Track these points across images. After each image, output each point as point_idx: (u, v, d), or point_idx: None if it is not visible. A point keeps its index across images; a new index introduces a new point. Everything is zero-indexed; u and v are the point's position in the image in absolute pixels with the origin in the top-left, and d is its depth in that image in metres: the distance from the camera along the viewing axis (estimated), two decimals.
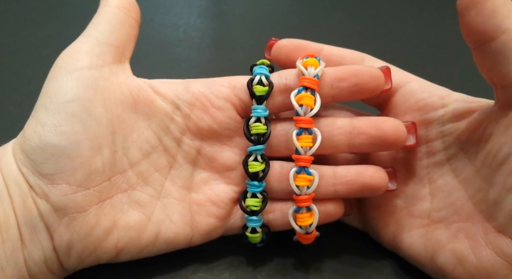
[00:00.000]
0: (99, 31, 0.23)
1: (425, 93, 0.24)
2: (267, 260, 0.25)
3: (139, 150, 0.23)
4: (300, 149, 0.23)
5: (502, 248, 0.20)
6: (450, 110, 0.23)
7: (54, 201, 0.20)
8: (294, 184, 0.23)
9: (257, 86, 0.23)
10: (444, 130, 0.23)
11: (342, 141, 0.23)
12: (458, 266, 0.21)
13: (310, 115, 0.23)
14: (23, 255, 0.20)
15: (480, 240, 0.21)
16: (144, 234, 0.22)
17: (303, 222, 0.23)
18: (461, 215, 0.22)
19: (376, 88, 0.23)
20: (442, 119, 0.23)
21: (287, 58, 0.25)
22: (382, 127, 0.23)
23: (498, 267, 0.20)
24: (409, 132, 0.23)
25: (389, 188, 0.24)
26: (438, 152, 0.23)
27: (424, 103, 0.24)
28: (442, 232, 0.23)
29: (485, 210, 0.21)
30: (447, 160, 0.23)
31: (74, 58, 0.22)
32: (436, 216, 0.23)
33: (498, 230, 0.20)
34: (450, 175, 0.23)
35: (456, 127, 0.23)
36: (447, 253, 0.22)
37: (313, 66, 0.23)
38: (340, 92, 0.23)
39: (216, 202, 0.24)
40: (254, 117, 0.23)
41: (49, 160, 0.20)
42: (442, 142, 0.23)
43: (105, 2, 0.24)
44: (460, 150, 0.23)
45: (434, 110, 0.23)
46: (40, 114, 0.21)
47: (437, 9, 0.55)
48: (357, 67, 0.23)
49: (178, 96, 0.24)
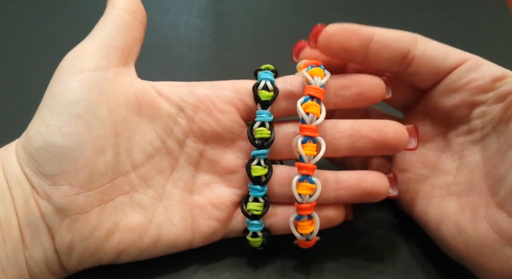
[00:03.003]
0: (106, 33, 0.23)
1: (479, 74, 0.23)
2: (267, 261, 0.25)
3: (142, 152, 0.23)
4: (305, 157, 0.23)
5: (497, 222, 0.20)
6: (497, 92, 0.23)
7: (56, 202, 0.20)
8: (297, 192, 0.23)
9: (263, 91, 0.23)
10: (486, 110, 0.23)
11: (344, 145, 0.23)
12: (458, 236, 0.22)
13: (316, 124, 0.23)
14: (24, 255, 0.20)
15: (480, 214, 0.21)
16: (145, 236, 0.22)
17: (304, 230, 0.23)
18: (473, 190, 0.23)
19: (378, 97, 0.24)
20: (488, 101, 0.23)
21: (340, 46, 0.23)
22: (384, 131, 0.23)
23: (491, 240, 0.20)
24: (411, 136, 0.24)
25: (390, 194, 0.24)
26: (476, 131, 0.24)
27: (475, 85, 0.23)
28: (453, 203, 0.23)
29: (492, 185, 0.22)
30: (481, 139, 0.24)
31: (80, 60, 0.22)
32: (454, 189, 0.24)
33: (497, 204, 0.21)
34: (479, 153, 0.23)
35: (496, 108, 0.23)
36: (450, 223, 0.23)
37: (319, 76, 0.23)
38: (343, 100, 0.24)
39: (217, 204, 0.24)
40: (259, 121, 0.23)
41: (52, 161, 0.20)
42: (481, 122, 0.24)
43: (112, 5, 0.24)
44: (492, 129, 0.23)
45: (483, 93, 0.23)
46: (44, 114, 0.21)
47: (437, 9, 0.55)
48: (360, 77, 0.24)
49: (183, 98, 0.24)
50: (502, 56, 0.27)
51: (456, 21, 0.53)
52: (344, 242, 0.26)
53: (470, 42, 0.47)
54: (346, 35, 0.23)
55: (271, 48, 0.45)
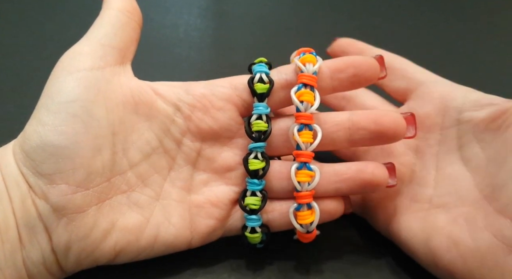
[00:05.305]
0: (102, 33, 0.23)
1: (448, 87, 0.25)
2: (266, 262, 0.25)
3: (139, 151, 0.23)
4: (302, 145, 0.23)
5: (501, 229, 0.20)
6: (471, 100, 0.24)
7: (53, 201, 0.20)
8: (296, 180, 0.23)
9: (258, 84, 0.23)
10: (461, 118, 0.23)
11: (342, 137, 0.23)
12: (453, 249, 0.21)
13: (311, 111, 0.23)
14: (21, 256, 0.20)
15: (479, 223, 0.21)
16: (143, 236, 0.22)
17: (304, 220, 0.23)
18: (464, 201, 0.22)
19: (373, 76, 0.24)
20: (461, 107, 0.24)
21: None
22: (381, 122, 0.23)
23: (493, 249, 0.20)
24: (408, 124, 0.24)
25: (389, 183, 0.24)
26: (451, 140, 0.24)
27: (446, 93, 0.25)
28: (442, 216, 0.23)
29: (489, 194, 0.21)
30: (459, 148, 0.24)
31: (76, 59, 0.22)
32: (438, 201, 0.23)
33: (499, 211, 0.20)
34: (459, 163, 0.23)
35: (474, 115, 0.23)
36: (442, 236, 0.22)
37: (311, 63, 0.23)
38: (340, 83, 0.24)
39: (215, 203, 0.24)
40: (256, 114, 0.23)
41: (49, 160, 0.20)
42: (457, 130, 0.24)
43: (108, 5, 0.24)
44: (474, 138, 0.23)
45: (454, 99, 0.24)
46: (41, 114, 0.21)
47: (437, 9, 0.55)
48: (354, 58, 0.24)
49: (179, 98, 0.24)
50: (502, 56, 0.27)
51: (456, 21, 0.53)
52: (344, 242, 0.26)
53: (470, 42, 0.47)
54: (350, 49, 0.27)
55: (271, 48, 0.45)
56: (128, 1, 0.24)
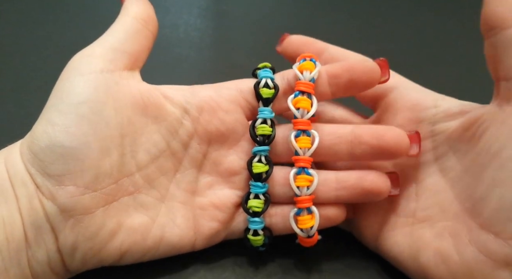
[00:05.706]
0: (115, 37, 0.23)
1: (418, 94, 0.25)
2: (268, 260, 0.25)
3: (147, 153, 0.23)
4: (299, 150, 0.23)
5: (485, 245, 0.20)
6: (442, 110, 0.23)
7: (61, 202, 0.20)
8: (295, 185, 0.23)
9: (264, 89, 0.24)
10: (435, 129, 0.23)
11: (344, 150, 0.23)
12: (441, 265, 0.21)
13: (307, 117, 0.23)
14: (26, 255, 0.20)
15: (464, 238, 0.21)
16: (148, 237, 0.22)
17: (304, 225, 0.23)
18: (446, 214, 0.22)
19: (371, 81, 0.24)
20: (433, 118, 0.24)
21: (294, 52, 0.27)
22: (384, 138, 0.23)
23: (480, 264, 0.20)
24: (412, 141, 0.23)
25: (391, 193, 0.24)
26: (426, 151, 0.24)
27: (416, 102, 0.24)
28: (427, 231, 0.22)
29: (470, 207, 0.21)
30: (435, 160, 0.23)
31: (88, 61, 0.22)
32: (421, 215, 0.23)
33: (482, 226, 0.20)
34: (438, 175, 0.23)
35: (447, 126, 0.23)
36: (430, 252, 0.22)
37: (309, 70, 0.24)
38: (338, 89, 0.24)
39: (219, 206, 0.24)
40: (261, 118, 0.24)
41: (58, 161, 0.20)
42: (431, 141, 0.24)
43: (125, 12, 0.24)
44: (449, 149, 0.23)
45: (426, 109, 0.24)
46: (51, 115, 0.21)
47: (437, 9, 0.55)
48: (351, 63, 0.24)
49: (187, 100, 0.24)
50: None
51: (456, 21, 0.53)
52: (344, 242, 0.26)
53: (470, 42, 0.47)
54: (301, 44, 0.27)
55: (271, 48, 0.45)
56: (145, 10, 0.25)
